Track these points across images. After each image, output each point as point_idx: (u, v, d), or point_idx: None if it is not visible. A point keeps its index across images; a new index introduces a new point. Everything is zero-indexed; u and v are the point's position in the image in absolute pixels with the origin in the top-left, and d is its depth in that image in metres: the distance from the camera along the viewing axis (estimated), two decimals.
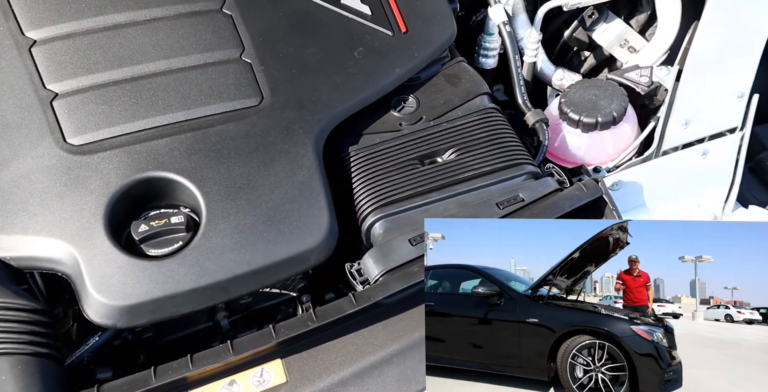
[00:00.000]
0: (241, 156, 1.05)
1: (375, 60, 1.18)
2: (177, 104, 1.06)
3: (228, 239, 1.00)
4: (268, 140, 1.07)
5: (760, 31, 1.08)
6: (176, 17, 1.10)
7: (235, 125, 1.06)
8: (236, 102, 1.08)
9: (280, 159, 1.07)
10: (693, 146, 1.07)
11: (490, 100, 1.23)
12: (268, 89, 1.10)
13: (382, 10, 1.21)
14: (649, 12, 1.31)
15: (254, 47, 1.11)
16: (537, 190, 1.08)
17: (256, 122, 1.08)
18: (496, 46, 1.33)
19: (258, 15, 1.14)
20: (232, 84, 1.09)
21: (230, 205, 1.02)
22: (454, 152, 1.14)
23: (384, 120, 1.20)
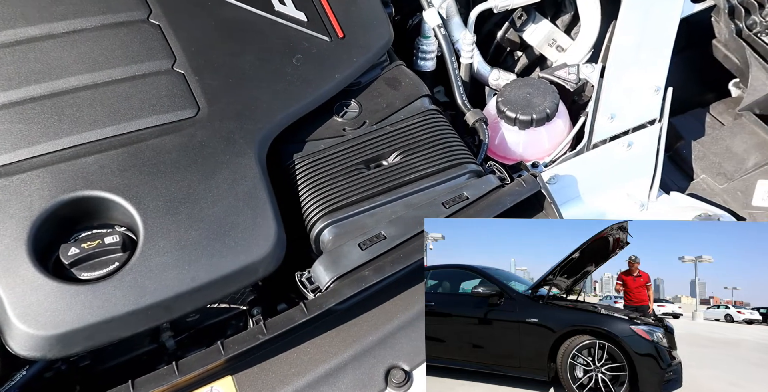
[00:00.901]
0: (180, 170, 0.90)
1: (314, 66, 1.06)
2: (105, 119, 0.90)
3: (169, 256, 0.85)
4: (207, 152, 0.93)
5: (669, 30, 1.05)
6: (98, 29, 0.94)
7: (171, 138, 0.91)
8: (171, 114, 0.92)
9: (221, 170, 0.93)
10: (619, 138, 1.03)
11: (430, 101, 1.13)
12: (204, 100, 0.95)
13: (318, 16, 1.08)
14: (572, 12, 1.26)
15: (186, 57, 0.96)
16: (480, 188, 1.00)
17: (194, 134, 0.93)
18: (434, 48, 1.22)
19: (188, 24, 0.99)
20: (165, 96, 0.93)
21: (170, 221, 0.86)
22: (399, 155, 1.04)
23: (327, 126, 1.08)
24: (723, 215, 0.98)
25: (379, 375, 0.87)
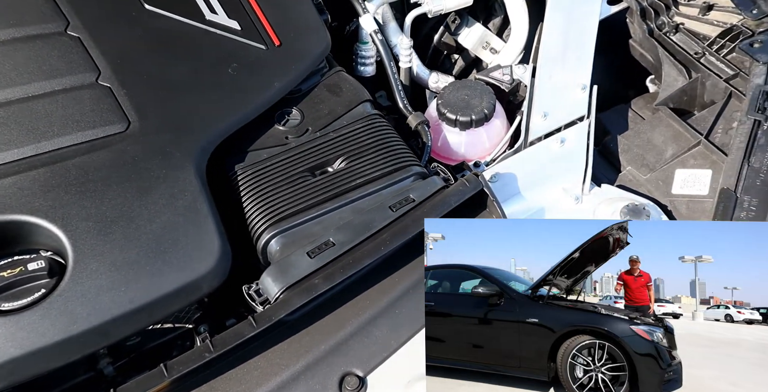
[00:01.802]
0: (111, 187, 0.79)
1: (251, 75, 0.97)
2: (22, 138, 0.78)
3: (103, 278, 0.74)
4: (141, 167, 0.82)
5: (590, 31, 1.04)
6: (10, 43, 0.82)
7: (100, 155, 0.80)
8: (98, 130, 0.82)
9: (158, 186, 0.83)
10: (553, 135, 1.00)
11: (372, 106, 1.06)
12: (134, 113, 0.84)
13: (252, 24, 0.98)
14: (502, 16, 1.22)
15: (112, 70, 0.85)
16: (425, 189, 0.94)
17: (126, 149, 0.82)
18: (372, 54, 1.15)
19: (112, 36, 0.88)
20: (90, 111, 0.82)
21: (103, 241, 0.76)
22: (344, 161, 0.97)
23: (269, 135, 0.99)
24: (648, 204, 0.96)
25: (333, 384, 0.80)
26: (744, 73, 1.00)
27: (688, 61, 1.04)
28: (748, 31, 1.02)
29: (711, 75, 1.02)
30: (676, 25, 1.05)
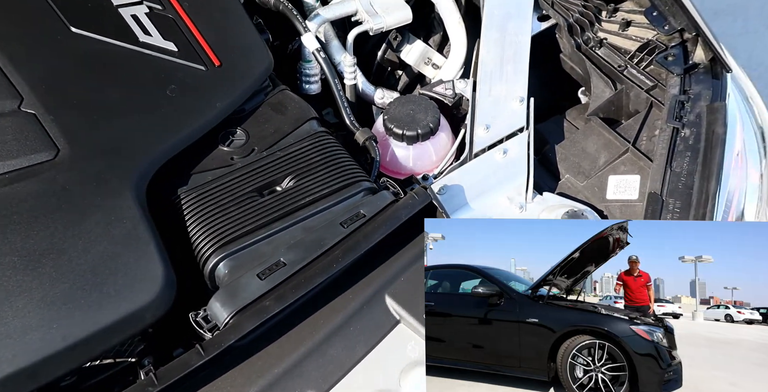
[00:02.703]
0: (39, 219, 0.71)
1: (191, 96, 0.90)
2: None
3: (32, 316, 0.66)
4: (74, 196, 0.75)
5: (524, 46, 1.06)
6: None
7: (25, 185, 0.73)
8: (22, 159, 0.74)
9: (92, 214, 0.75)
10: (496, 146, 1.00)
11: (319, 124, 1.01)
12: (64, 140, 0.77)
13: (190, 45, 0.92)
14: (441, 32, 1.21)
15: (36, 96, 0.78)
16: (376, 204, 0.90)
17: (55, 178, 0.74)
18: (316, 72, 1.11)
19: (35, 61, 0.81)
20: (12, 140, 0.75)
21: (30, 277, 0.68)
22: (292, 179, 0.92)
23: (213, 156, 0.93)
24: (586, 209, 0.96)
25: None
26: (662, 84, 1.03)
27: (613, 74, 1.07)
28: (662, 45, 1.05)
29: (634, 86, 1.04)
30: (600, 40, 1.08)
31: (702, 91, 1.00)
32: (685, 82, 1.01)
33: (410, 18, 1.13)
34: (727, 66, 1.04)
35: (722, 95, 1.01)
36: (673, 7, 1.05)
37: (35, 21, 0.84)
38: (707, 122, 0.96)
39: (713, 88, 1.01)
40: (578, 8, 1.09)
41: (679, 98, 0.99)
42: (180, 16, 0.94)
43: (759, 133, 1.10)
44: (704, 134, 0.95)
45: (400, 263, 0.88)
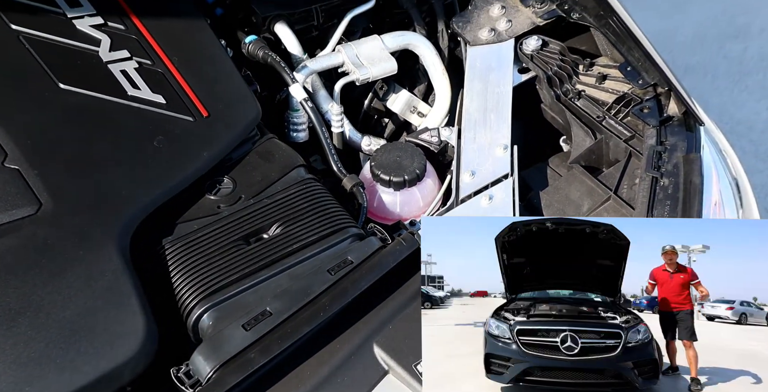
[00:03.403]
0: (17, 275, 0.69)
1: (178, 147, 0.89)
2: None
3: (4, 378, 0.62)
4: (55, 250, 0.73)
5: (506, 96, 1.09)
6: None
7: (4, 242, 0.70)
8: (3, 215, 0.72)
9: (73, 269, 0.73)
10: (481, 192, 1.00)
11: (306, 171, 1.00)
12: (46, 194, 0.75)
13: (178, 97, 0.92)
14: (426, 83, 1.23)
15: (21, 151, 0.77)
16: (363, 250, 0.88)
17: (35, 233, 0.72)
18: (304, 120, 1.11)
19: (20, 117, 0.81)
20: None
21: (5, 337, 0.66)
22: (279, 227, 0.89)
23: (200, 205, 0.91)
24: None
25: None
26: (639, 135, 1.05)
27: (593, 124, 1.08)
28: (637, 98, 1.07)
29: (613, 136, 1.06)
30: (578, 92, 1.10)
31: (678, 143, 1.01)
32: (661, 133, 1.02)
33: (395, 69, 1.14)
34: (700, 120, 1.05)
35: (697, 147, 1.02)
36: (646, 63, 1.07)
37: (24, 78, 0.83)
38: (684, 172, 0.97)
39: (688, 139, 1.02)
40: (556, 62, 1.12)
41: (656, 149, 1.00)
42: (169, 69, 0.94)
43: (734, 184, 1.11)
44: (682, 183, 0.95)
45: (388, 311, 0.84)
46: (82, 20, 0.90)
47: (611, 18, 1.09)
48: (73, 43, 0.88)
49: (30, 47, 0.85)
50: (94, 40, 0.90)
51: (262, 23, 1.09)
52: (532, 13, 1.16)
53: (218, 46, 1.01)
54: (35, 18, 0.86)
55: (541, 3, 1.16)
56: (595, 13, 1.12)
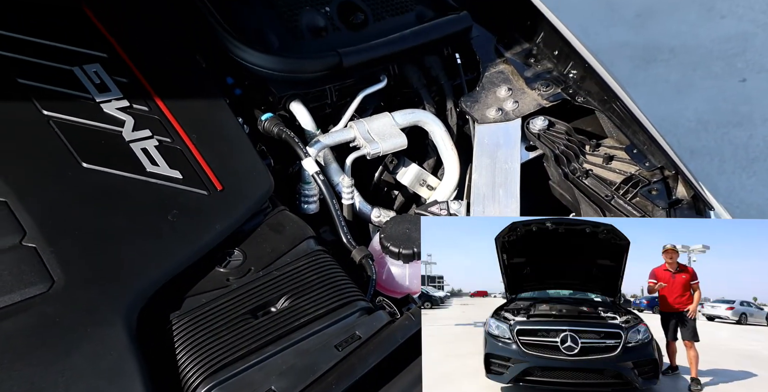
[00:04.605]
0: (23, 357, 0.69)
1: (191, 220, 0.91)
2: None
3: None
4: (63, 328, 0.74)
5: (514, 171, 1.11)
6: None
7: (14, 321, 0.71)
8: (15, 294, 0.73)
9: (80, 347, 0.73)
10: None
11: (316, 242, 1.00)
12: (60, 270, 0.76)
13: (194, 172, 0.95)
14: (435, 157, 1.26)
15: (39, 229, 0.79)
16: (372, 325, 0.87)
17: (45, 311, 0.73)
18: (315, 192, 1.13)
19: (43, 196, 0.84)
20: (8, 275, 0.75)
21: None
22: (288, 300, 0.89)
23: (209, 278, 0.91)
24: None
25: None
26: (648, 216, 1.05)
27: (601, 203, 1.09)
28: (645, 179, 1.08)
29: (622, 216, 1.06)
30: (586, 170, 1.11)
31: None
32: (670, 215, 1.02)
33: (405, 144, 1.17)
34: (709, 204, 1.05)
35: None
36: (651, 146, 1.09)
37: (49, 159, 0.87)
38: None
39: None
40: (563, 141, 1.14)
41: None
42: (187, 146, 0.98)
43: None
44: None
45: (396, 389, 0.81)
46: (110, 103, 0.95)
47: (615, 102, 1.12)
48: (99, 125, 0.93)
49: (58, 130, 0.89)
50: (118, 122, 0.95)
51: (278, 102, 1.14)
52: (537, 95, 1.20)
53: (235, 124, 1.05)
54: (66, 103, 0.92)
55: (546, 87, 1.20)
56: (599, 97, 1.15)
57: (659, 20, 2.89)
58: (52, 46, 0.96)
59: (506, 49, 1.27)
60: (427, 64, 1.25)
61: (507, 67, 1.25)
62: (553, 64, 1.23)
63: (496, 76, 1.23)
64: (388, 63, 1.20)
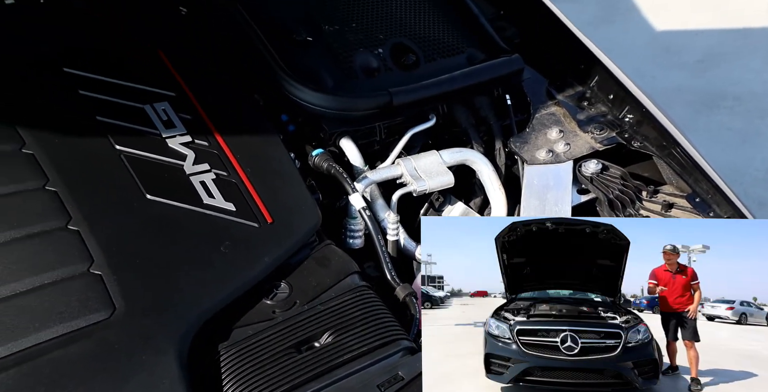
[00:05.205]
0: (85, 383, 0.73)
1: (242, 252, 0.95)
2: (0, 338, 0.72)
3: None
4: (121, 355, 0.78)
5: (564, 214, 1.09)
6: (6, 244, 0.83)
7: (77, 347, 0.75)
8: (80, 320, 0.78)
9: (136, 374, 0.77)
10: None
11: (360, 278, 1.02)
12: (121, 298, 0.81)
13: (247, 204, 0.99)
14: (482, 197, 1.26)
15: (106, 257, 0.84)
16: (415, 366, 0.86)
17: (107, 337, 0.77)
18: (361, 227, 1.15)
19: (111, 225, 0.89)
20: (75, 301, 0.79)
21: None
22: (331, 335, 0.90)
23: (257, 310, 0.94)
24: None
25: None
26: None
27: None
28: None
29: None
30: (644, 217, 1.08)
31: None
32: None
33: (452, 182, 1.18)
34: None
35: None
36: (716, 195, 1.04)
37: (118, 190, 0.93)
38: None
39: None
40: (618, 186, 1.11)
41: None
42: (242, 180, 1.03)
43: None
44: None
45: None
46: (174, 139, 1.02)
47: (675, 148, 1.08)
48: (163, 159, 0.99)
49: (128, 163, 0.96)
50: (181, 156, 1.01)
51: (329, 138, 1.18)
52: (590, 138, 1.18)
53: (287, 159, 1.09)
54: (136, 139, 0.99)
55: (600, 130, 1.18)
56: (658, 143, 1.12)
57: (721, 66, 2.76)
58: (129, 86, 1.04)
59: (558, 92, 1.28)
60: (476, 105, 1.27)
61: (559, 110, 1.24)
62: (608, 107, 1.21)
63: (547, 117, 1.23)
64: (438, 103, 1.23)
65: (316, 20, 1.22)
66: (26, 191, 0.88)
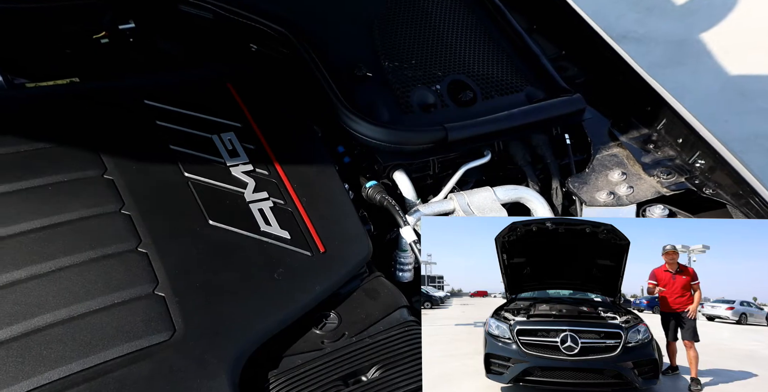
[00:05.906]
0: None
1: (295, 280, 0.98)
2: (72, 354, 0.79)
3: None
4: (178, 378, 0.80)
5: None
6: (85, 263, 0.88)
7: (140, 366, 0.79)
8: (144, 340, 0.81)
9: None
10: None
11: (409, 312, 1.03)
12: (181, 321, 0.84)
13: (301, 233, 1.03)
14: None
15: (169, 280, 0.88)
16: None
17: (165, 359, 0.81)
18: (411, 261, 1.16)
19: (175, 249, 0.94)
20: (141, 321, 0.83)
21: None
22: (378, 370, 0.91)
23: (306, 339, 0.96)
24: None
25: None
26: None
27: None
28: None
29: None
30: None
31: None
32: None
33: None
34: None
35: None
36: None
37: (184, 216, 0.98)
38: None
39: None
40: None
41: None
42: (297, 208, 1.06)
43: None
44: None
45: None
46: (237, 167, 1.07)
47: (752, 197, 1.02)
48: (226, 186, 1.04)
49: (194, 190, 1.01)
50: (242, 184, 1.06)
51: (383, 170, 1.21)
52: (656, 182, 1.13)
53: (342, 190, 1.13)
54: (203, 167, 1.05)
55: (667, 174, 1.13)
56: (732, 191, 1.06)
57: None
58: (199, 117, 1.11)
59: (622, 133, 1.24)
60: (533, 143, 1.28)
61: (622, 151, 1.21)
62: (677, 152, 1.16)
63: (609, 159, 1.20)
64: (494, 140, 1.24)
65: (377, 57, 1.28)
66: (104, 215, 0.94)
